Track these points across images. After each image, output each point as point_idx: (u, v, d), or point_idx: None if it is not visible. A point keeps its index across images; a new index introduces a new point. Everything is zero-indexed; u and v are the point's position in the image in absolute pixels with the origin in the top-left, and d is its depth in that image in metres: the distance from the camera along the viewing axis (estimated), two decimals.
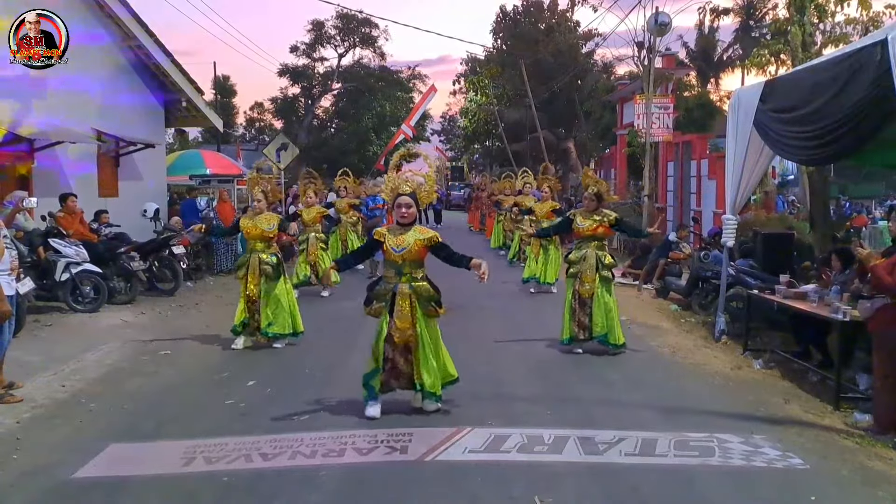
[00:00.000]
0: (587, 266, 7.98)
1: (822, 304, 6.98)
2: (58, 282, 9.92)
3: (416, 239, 5.77)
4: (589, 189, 8.24)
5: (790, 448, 5.20)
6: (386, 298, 5.84)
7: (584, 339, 8.00)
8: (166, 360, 7.91)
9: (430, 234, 5.84)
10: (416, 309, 5.80)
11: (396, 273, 5.83)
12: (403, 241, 5.76)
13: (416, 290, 5.81)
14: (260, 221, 8.31)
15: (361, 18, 39.48)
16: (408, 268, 5.81)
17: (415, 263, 5.83)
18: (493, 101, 37.06)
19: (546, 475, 4.74)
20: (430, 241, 5.80)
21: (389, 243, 5.78)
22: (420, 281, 5.85)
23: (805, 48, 9.84)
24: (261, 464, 4.95)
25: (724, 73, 30.43)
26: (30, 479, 4.72)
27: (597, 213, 8.14)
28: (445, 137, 60.43)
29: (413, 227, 5.84)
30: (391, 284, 5.84)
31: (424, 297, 5.83)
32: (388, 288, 5.84)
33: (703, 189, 17.49)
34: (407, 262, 5.79)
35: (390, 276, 5.88)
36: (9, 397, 6.25)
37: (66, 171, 12.34)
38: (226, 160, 21.89)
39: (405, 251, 5.75)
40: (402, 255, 5.76)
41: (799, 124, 6.92)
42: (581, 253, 8.06)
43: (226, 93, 44.67)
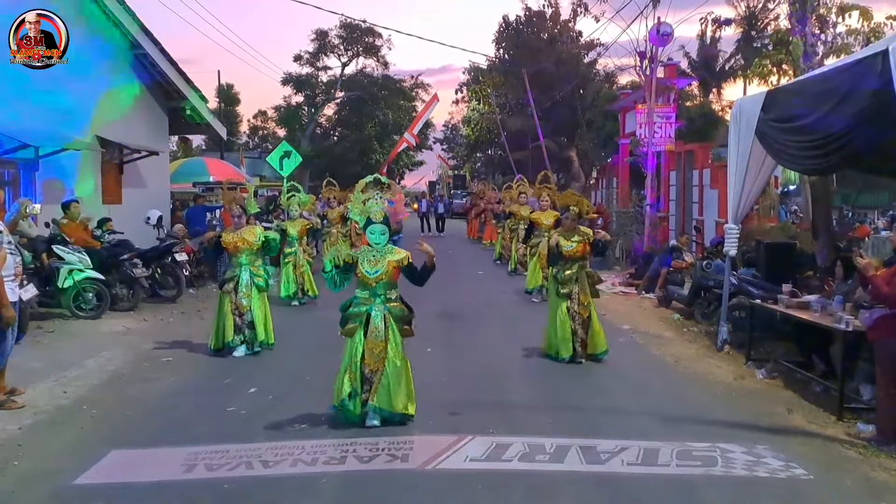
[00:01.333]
0: (581, 287, 8.03)
1: (824, 314, 6.97)
2: (61, 288, 9.94)
3: (388, 261, 5.81)
4: (571, 209, 8.27)
5: (793, 458, 5.18)
6: (360, 319, 5.84)
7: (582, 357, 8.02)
8: (168, 367, 7.92)
9: (402, 254, 5.90)
10: (389, 329, 5.83)
11: (371, 294, 5.86)
12: (377, 263, 5.80)
13: (391, 310, 5.86)
14: (245, 234, 8.34)
15: (365, 28, 39.72)
16: (382, 289, 5.85)
17: (389, 285, 5.88)
18: (496, 110, 37.13)
19: (547, 484, 4.73)
20: (402, 262, 5.86)
21: (364, 267, 5.80)
22: (394, 301, 5.91)
23: (806, 59, 9.86)
24: (262, 471, 4.95)
25: (726, 82, 30.44)
26: (32, 484, 4.72)
27: (576, 233, 8.18)
28: (448, 146, 60.53)
29: (385, 247, 5.87)
30: (366, 306, 5.85)
31: (399, 317, 5.87)
32: (363, 310, 5.85)
33: (705, 198, 17.49)
34: (381, 283, 5.83)
35: (364, 297, 5.88)
36: (11, 403, 6.25)
37: (70, 178, 12.37)
38: (229, 168, 21.96)
39: (380, 273, 5.79)
40: (376, 278, 5.80)
41: (801, 134, 6.93)
42: (572, 273, 8.07)
43: (229, 101, 44.82)
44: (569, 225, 8.23)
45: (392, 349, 5.79)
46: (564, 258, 8.12)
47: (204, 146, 41.26)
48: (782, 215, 17.77)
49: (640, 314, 11.42)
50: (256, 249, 8.44)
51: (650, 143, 17.32)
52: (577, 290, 8.03)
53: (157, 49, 14.55)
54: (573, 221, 8.23)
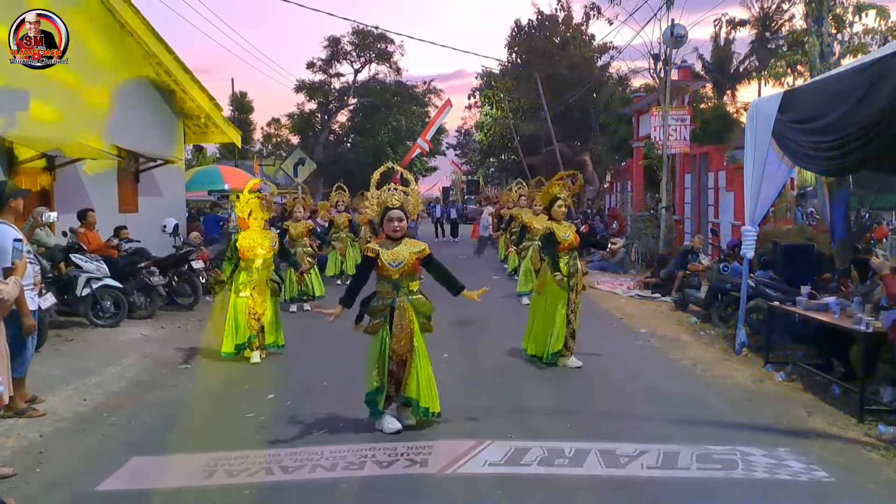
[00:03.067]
0: (577, 277, 8.00)
1: (844, 316, 6.91)
2: (79, 297, 10.02)
3: (409, 252, 5.77)
4: (562, 198, 8.15)
5: (814, 461, 5.14)
6: (385, 314, 5.79)
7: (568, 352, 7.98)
8: (186, 373, 7.96)
9: (421, 246, 5.86)
10: (413, 322, 5.79)
11: (393, 287, 5.79)
12: (399, 255, 5.75)
13: (414, 303, 5.82)
14: (261, 239, 8.41)
15: (377, 34, 39.84)
16: (405, 281, 5.79)
17: (410, 277, 5.82)
18: (509, 115, 37.11)
19: (567, 488, 4.71)
20: (422, 253, 5.81)
21: (385, 258, 5.73)
22: (417, 294, 5.86)
23: (823, 59, 9.80)
24: (281, 476, 4.96)
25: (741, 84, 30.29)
26: (53, 491, 4.75)
27: (566, 224, 8.16)
28: (461, 151, 60.62)
29: (403, 240, 5.84)
30: (389, 299, 5.80)
31: (421, 311, 5.84)
32: (387, 303, 5.79)
33: (720, 201, 17.41)
34: (403, 275, 5.77)
35: (386, 290, 5.81)
36: (32, 411, 6.30)
37: (87, 187, 12.48)
38: (243, 175, 22.06)
39: (402, 265, 5.73)
40: (399, 270, 5.74)
41: (818, 135, 6.88)
42: (573, 264, 8.01)
43: (243, 109, 45.08)
44: (561, 214, 8.14)
45: (418, 341, 5.78)
46: (562, 249, 8.00)
47: (218, 154, 41.54)
48: (798, 217, 17.64)
49: (656, 318, 11.37)
50: (273, 254, 8.50)
51: (665, 145, 17.26)
52: (576, 280, 7.97)
53: (172, 58, 14.67)
54: (564, 211, 8.16)
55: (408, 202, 5.88)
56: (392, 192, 5.86)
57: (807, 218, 18.40)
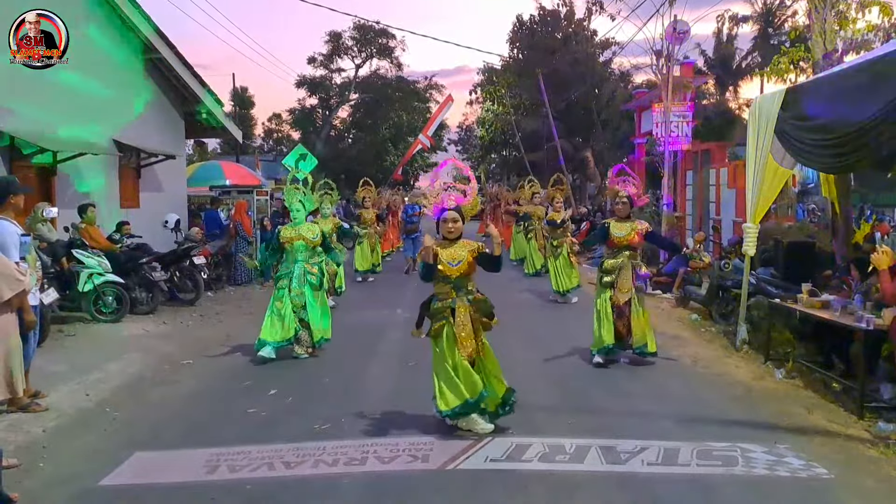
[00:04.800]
0: (624, 276, 7.98)
1: (844, 313, 6.91)
2: (81, 292, 10.05)
3: (467, 251, 5.73)
4: (620, 194, 8.19)
5: (814, 458, 5.15)
6: (445, 315, 5.71)
7: (623, 349, 8.00)
8: (188, 369, 7.98)
9: (474, 244, 5.81)
10: (476, 322, 5.75)
11: (453, 288, 5.74)
12: (457, 254, 5.70)
13: (474, 302, 5.78)
14: (303, 231, 8.38)
15: (378, 29, 39.81)
16: (463, 281, 5.75)
17: (468, 277, 5.78)
18: (510, 111, 37.08)
19: (567, 484, 4.73)
20: (477, 251, 5.77)
21: (444, 258, 5.67)
22: (476, 293, 5.82)
23: (826, 55, 9.78)
24: (283, 472, 4.98)
25: (743, 80, 30.29)
26: (57, 486, 4.78)
27: (630, 221, 8.14)
28: (462, 147, 60.50)
29: (459, 240, 5.80)
30: (448, 300, 5.74)
31: (482, 308, 5.80)
32: (447, 304, 5.73)
33: (722, 198, 17.40)
34: (462, 275, 5.73)
35: (445, 291, 5.75)
36: (34, 406, 6.32)
37: (88, 183, 12.48)
38: (245, 171, 22.02)
39: (461, 264, 5.69)
40: (458, 269, 5.68)
41: (821, 132, 6.89)
42: (617, 262, 8.01)
43: (244, 104, 45.07)
44: (622, 211, 8.14)
45: (482, 340, 5.74)
46: (613, 245, 8.04)
47: (219, 149, 41.53)
48: (800, 214, 17.65)
49: (657, 315, 11.35)
50: (315, 245, 8.47)
51: (666, 141, 17.25)
52: (619, 279, 7.96)
53: (173, 53, 14.65)
54: (625, 206, 8.12)
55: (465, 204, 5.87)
56: (448, 193, 5.86)
57: (808, 215, 18.41)
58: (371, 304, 12.40)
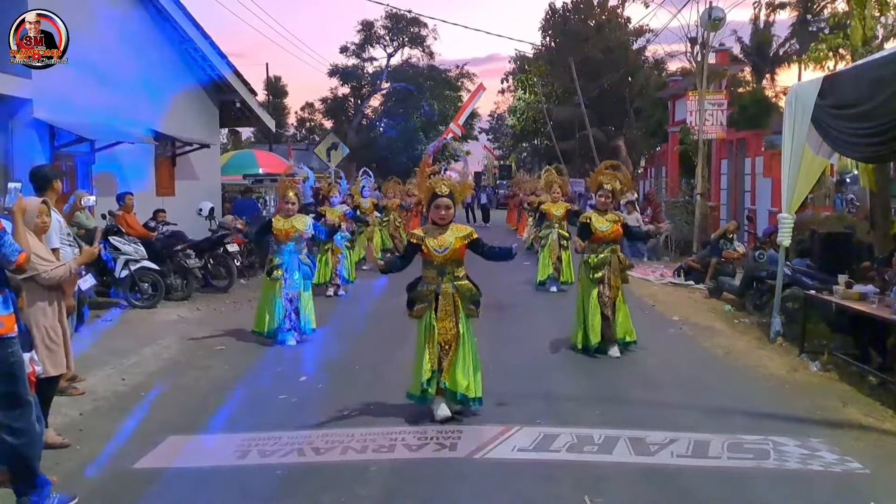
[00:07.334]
0: (612, 270, 7.90)
1: (882, 306, 6.78)
2: (117, 278, 10.23)
3: (455, 238, 5.73)
4: (605, 186, 7.99)
5: (849, 452, 5.07)
6: (429, 299, 5.77)
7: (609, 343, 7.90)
8: (221, 355, 8.10)
9: (467, 230, 5.81)
10: (458, 309, 5.77)
11: (438, 273, 5.77)
12: (444, 241, 5.71)
13: (459, 289, 5.79)
14: (296, 222, 8.48)
15: (410, 18, 39.73)
16: (450, 267, 5.77)
17: (456, 263, 5.79)
18: (542, 100, 36.83)
19: (596, 475, 4.71)
20: (469, 237, 5.77)
21: (430, 244, 5.71)
22: (462, 280, 5.83)
23: (865, 42, 9.56)
24: (313, 458, 5.04)
25: (780, 68, 29.71)
26: (93, 468, 4.87)
27: (611, 214, 8.04)
28: (493, 136, 60.37)
29: (450, 226, 5.80)
30: (433, 285, 5.78)
31: (467, 296, 5.81)
32: (431, 289, 5.77)
33: (757, 187, 17.14)
34: (449, 262, 5.75)
35: (431, 276, 5.80)
36: (72, 390, 6.46)
37: (125, 171, 12.68)
38: (278, 160, 22.23)
39: (448, 251, 5.70)
40: (444, 256, 5.71)
41: (860, 120, 6.74)
42: (604, 257, 7.92)
43: (277, 93, 45.36)
44: (603, 204, 8.02)
45: (463, 327, 5.74)
46: (597, 240, 7.95)
47: (253, 139, 41.89)
48: (838, 204, 17.29)
49: (689, 305, 11.27)
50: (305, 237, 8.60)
51: (701, 130, 17.02)
52: (608, 274, 7.88)
53: (208, 43, 14.78)
54: (608, 199, 8.01)
55: (457, 188, 5.87)
56: (441, 179, 5.86)
57: (846, 205, 18.03)
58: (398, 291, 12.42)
